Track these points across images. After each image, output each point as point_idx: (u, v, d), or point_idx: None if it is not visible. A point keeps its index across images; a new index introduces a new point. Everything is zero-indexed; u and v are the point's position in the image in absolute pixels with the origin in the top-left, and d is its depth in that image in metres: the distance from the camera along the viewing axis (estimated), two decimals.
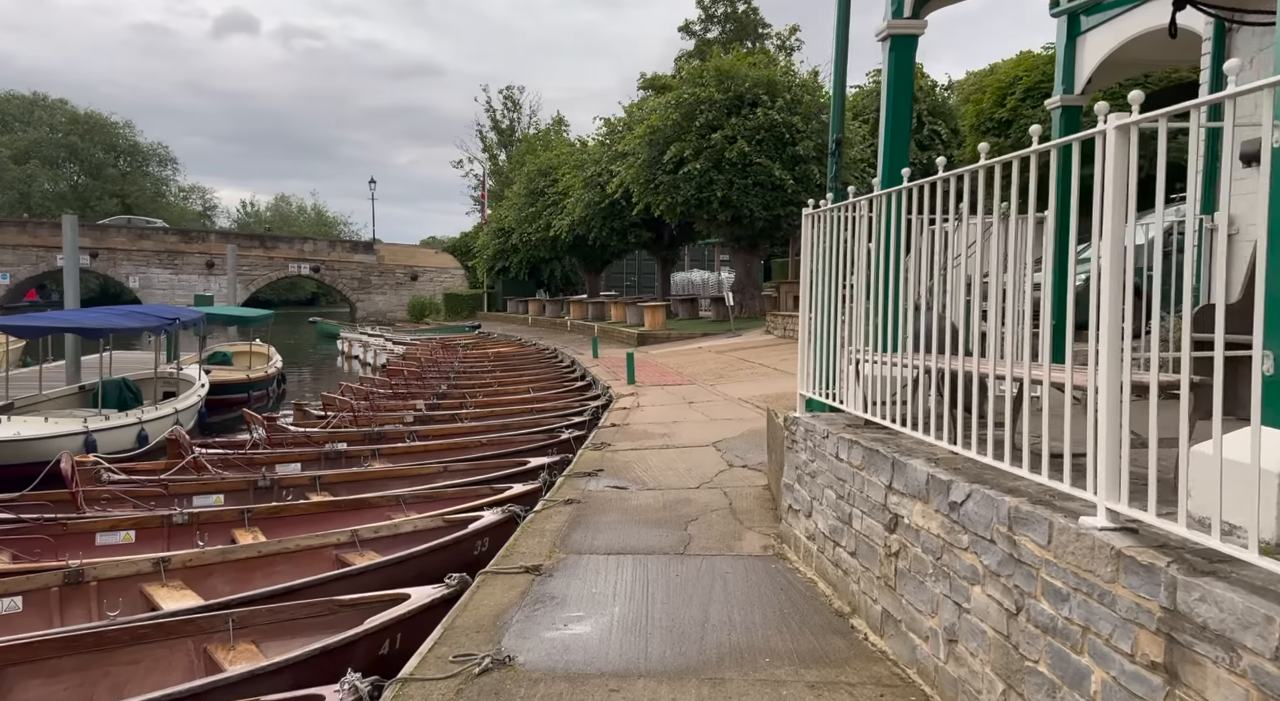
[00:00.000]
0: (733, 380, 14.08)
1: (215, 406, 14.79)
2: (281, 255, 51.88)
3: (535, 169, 35.03)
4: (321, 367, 29.64)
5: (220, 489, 7.31)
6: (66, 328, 10.49)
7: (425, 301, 49.63)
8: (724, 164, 22.08)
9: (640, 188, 23.31)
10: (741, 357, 17.13)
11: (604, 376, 15.86)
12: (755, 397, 11.85)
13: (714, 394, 12.78)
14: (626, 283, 46.25)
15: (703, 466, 7.83)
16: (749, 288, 24.99)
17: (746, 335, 21.64)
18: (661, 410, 11.53)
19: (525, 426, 11.06)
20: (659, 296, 30.98)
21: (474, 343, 28.67)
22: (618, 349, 22.93)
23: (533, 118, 61.05)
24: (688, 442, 8.98)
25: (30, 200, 63.13)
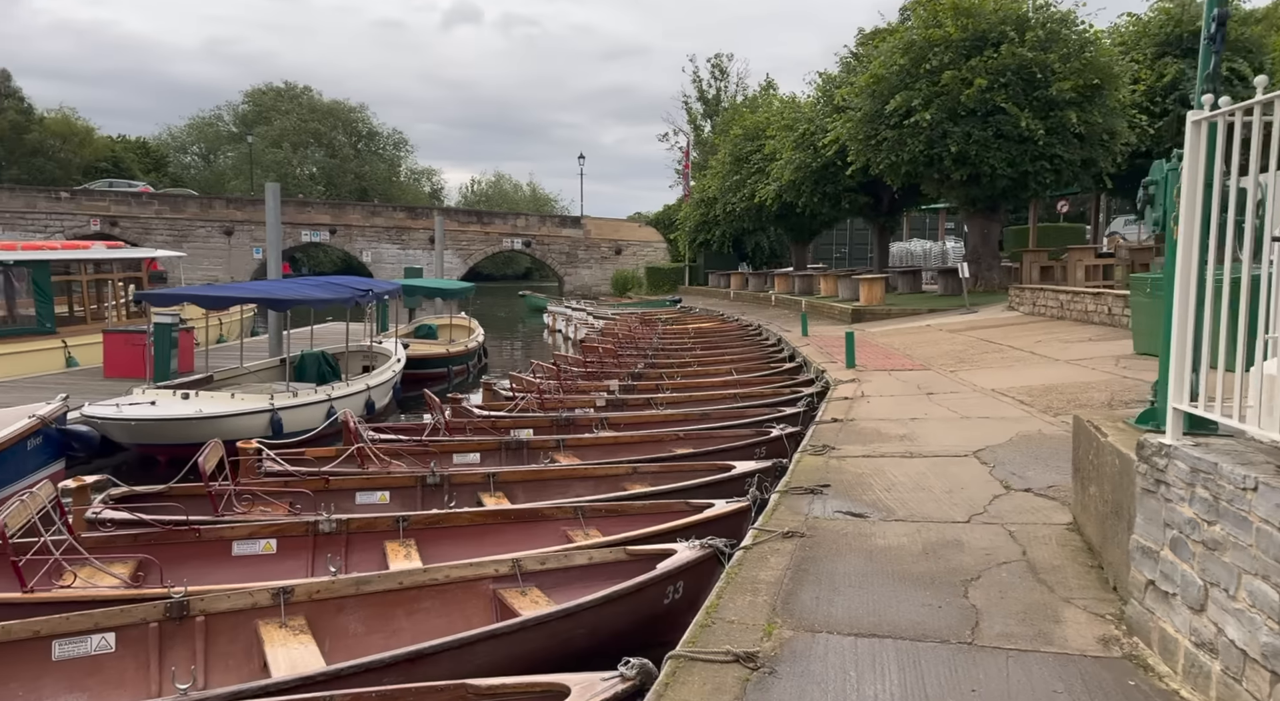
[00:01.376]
0: (978, 366, 11.78)
1: (413, 381, 14.51)
2: (496, 230, 53.59)
3: (741, 133, 33.20)
4: (527, 341, 29.78)
5: (385, 484, 6.40)
6: (251, 298, 10.24)
7: (628, 275, 49.41)
8: (960, 113, 19.24)
9: (859, 145, 20.93)
10: (984, 338, 14.61)
11: (817, 358, 13.99)
12: (1014, 389, 9.60)
13: (957, 383, 10.61)
14: (836, 254, 43.49)
15: (967, 486, 5.93)
16: (986, 257, 21.94)
17: (984, 311, 18.84)
18: (893, 403, 9.59)
19: (728, 417, 9.54)
20: (875, 268, 28.33)
21: (674, 317, 27.56)
22: (829, 326, 20.85)
23: (740, 85, 59.06)
24: (937, 449, 7.06)
25: (287, 182, 69.61)
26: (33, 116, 66.63)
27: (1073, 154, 19.25)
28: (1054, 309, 16.38)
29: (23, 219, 45.63)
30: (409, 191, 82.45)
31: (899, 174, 20.77)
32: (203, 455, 5.54)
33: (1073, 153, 19.24)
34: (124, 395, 9.12)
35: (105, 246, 16.21)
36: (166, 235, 48.37)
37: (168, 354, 10.73)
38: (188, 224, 48.41)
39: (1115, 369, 10.14)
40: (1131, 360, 10.55)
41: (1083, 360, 11.09)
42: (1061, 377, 10.03)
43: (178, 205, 49.63)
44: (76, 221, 45.61)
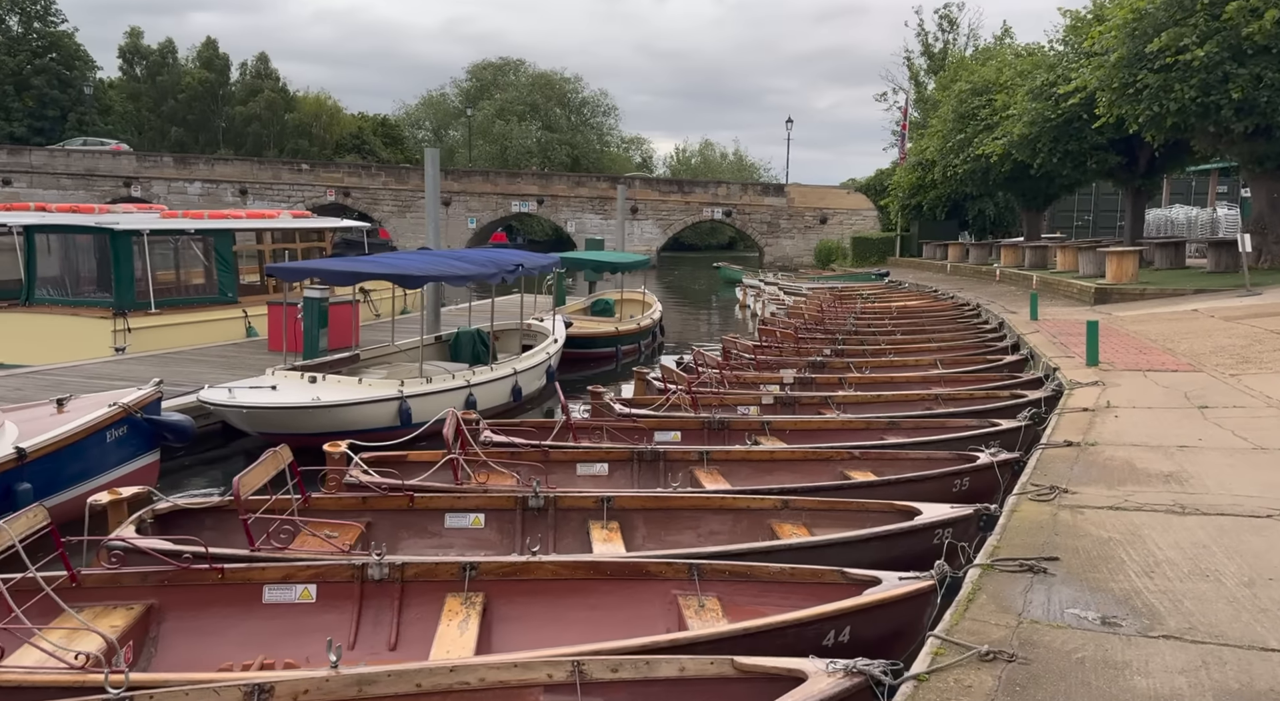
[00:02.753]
0: (1270, 367, 9.04)
1: (576, 361, 13.60)
2: (696, 200, 52.45)
3: (968, 87, 29.65)
4: (718, 316, 28.45)
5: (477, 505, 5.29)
6: (381, 274, 9.39)
7: (833, 246, 46.58)
8: (1247, 51, 15.50)
9: (1112, 94, 17.53)
10: (1274, 330, 11.50)
11: (1048, 350, 11.57)
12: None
13: (1241, 393, 8.07)
14: (1077, 223, 38.44)
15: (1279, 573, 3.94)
16: (1275, 228, 17.83)
17: (1271, 294, 15.18)
18: (1151, 419, 7.32)
19: (923, 428, 7.69)
20: (1126, 240, 24.26)
21: (879, 293, 25.12)
22: (1066, 308, 17.81)
23: (971, 37, 53.71)
24: (1223, 501, 4.97)
25: (507, 154, 72.25)
26: (290, 97, 73.67)
27: None
28: None
29: (270, 189, 50.24)
30: (618, 161, 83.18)
31: (1162, 127, 17.20)
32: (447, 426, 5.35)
33: None
34: (255, 377, 8.82)
35: (291, 215, 16.61)
36: (392, 205, 51.53)
37: (315, 330, 10.44)
38: (411, 195, 51.16)
39: None
40: None
41: None
42: None
43: (402, 177, 52.61)
44: (315, 192, 49.48)
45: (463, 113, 78.10)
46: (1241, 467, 5.65)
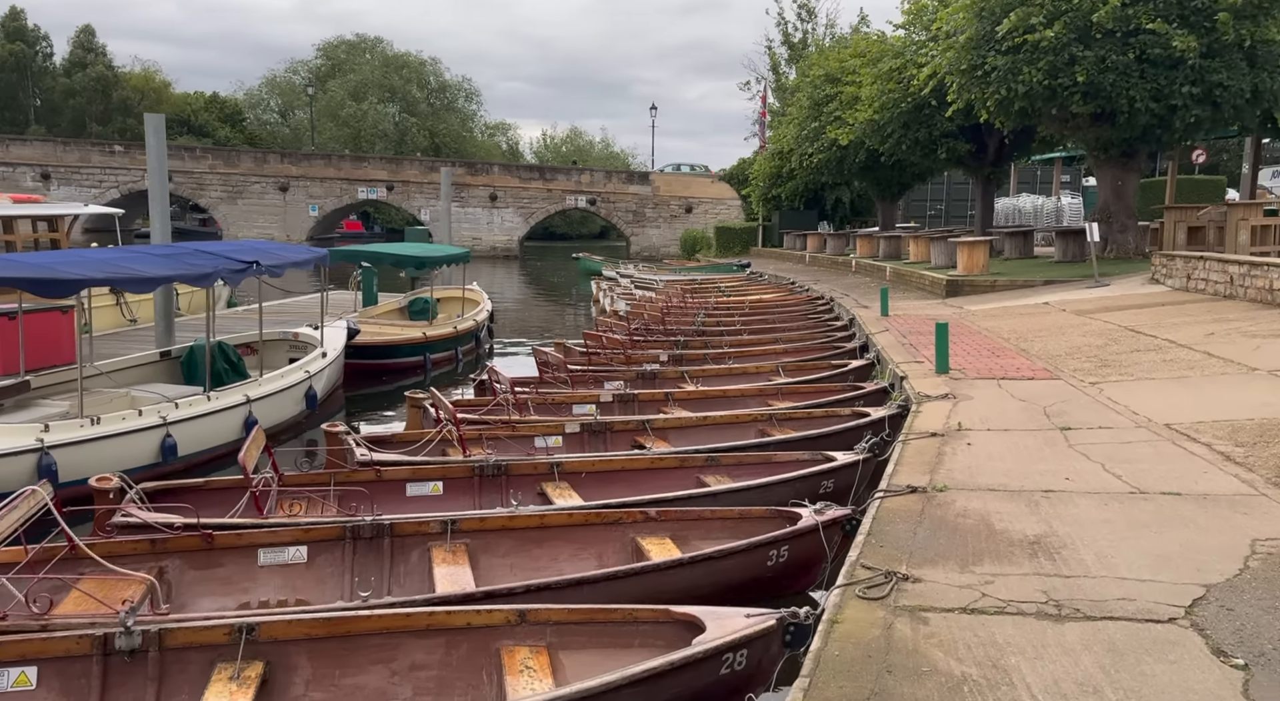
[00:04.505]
0: (1132, 374, 8.11)
1: (371, 375, 11.59)
2: (560, 187, 50.53)
3: (822, 74, 29.04)
4: (572, 313, 26.76)
5: None
6: (10, 279, 6.84)
7: (698, 235, 45.72)
8: (1094, 34, 15.03)
9: (960, 78, 16.86)
10: (1129, 326, 10.80)
11: (896, 354, 10.46)
12: (1206, 427, 6.00)
13: (1106, 406, 7.02)
14: (930, 212, 38.85)
15: None
16: (1120, 216, 17.66)
17: (1119, 285, 14.82)
18: (1009, 448, 6.10)
19: (744, 469, 6.21)
20: (977, 229, 24.12)
21: (737, 286, 24.07)
22: (919, 301, 17.08)
23: (830, 28, 53.98)
24: (1110, 592, 3.63)
25: (361, 137, 67.74)
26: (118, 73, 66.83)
27: (1239, 81, 14.85)
28: (1219, 284, 12.36)
29: (78, 173, 44.88)
30: (483, 147, 79.85)
31: (1010, 112, 16.65)
32: None
33: (1239, 80, 14.84)
34: None
35: (11, 200, 13.70)
36: (221, 191, 47.14)
37: None
38: (242, 179, 46.93)
39: None
40: None
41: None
42: (1277, 404, 6.36)
43: (231, 160, 48.18)
44: (131, 176, 44.40)
45: (313, 92, 72.90)
46: (1122, 528, 4.39)
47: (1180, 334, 9.82)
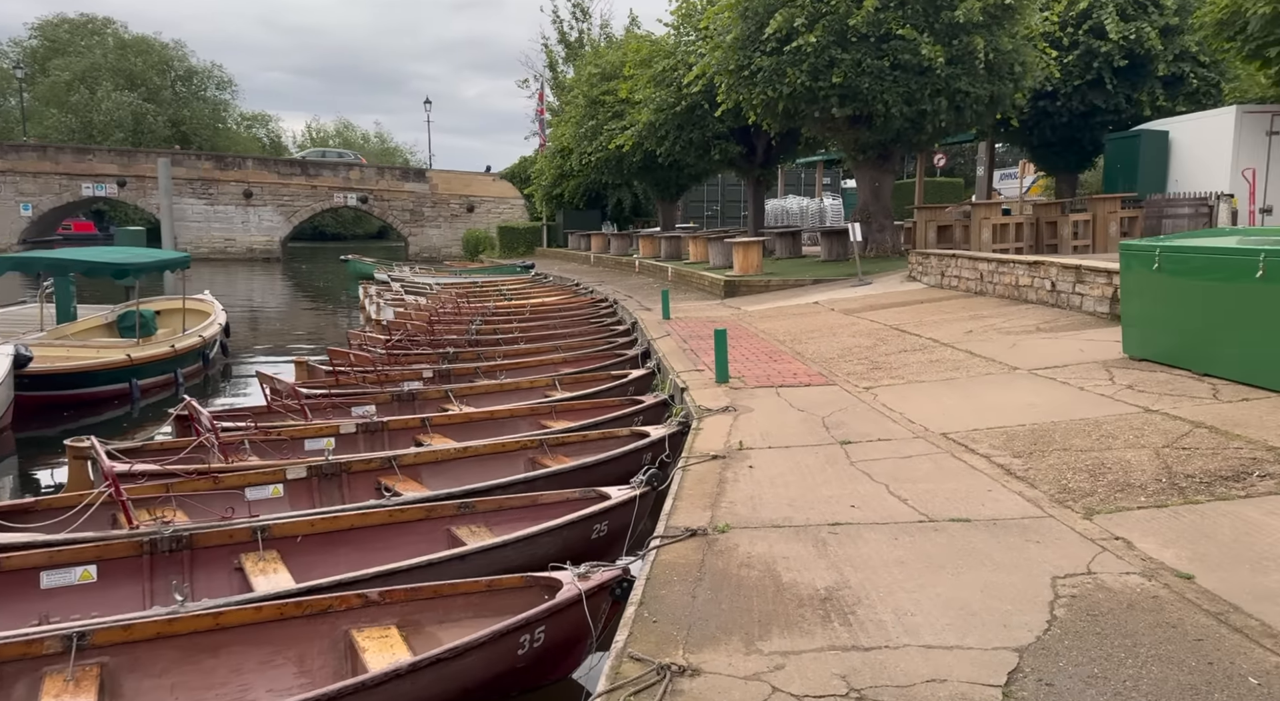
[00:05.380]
0: (902, 377, 7.99)
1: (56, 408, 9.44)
2: (326, 184, 46.96)
3: (596, 72, 28.63)
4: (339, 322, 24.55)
5: None
6: None
7: (480, 236, 44.17)
8: (850, 38, 15.47)
9: (729, 78, 16.87)
10: (893, 325, 10.95)
11: (677, 361, 9.94)
12: (982, 435, 5.78)
13: (882, 415, 6.74)
14: (708, 213, 39.81)
15: None
16: (879, 216, 18.47)
17: (881, 283, 15.34)
18: (792, 469, 5.58)
19: (504, 516, 5.27)
20: (751, 229, 24.64)
21: (520, 289, 23.07)
22: (700, 302, 16.92)
23: (605, 29, 54.10)
24: (915, 667, 3.03)
25: (93, 127, 59.36)
26: None
27: (979, 88, 15.88)
28: (971, 281, 12.98)
29: None
30: (239, 140, 72.91)
31: (776, 113, 16.88)
32: None
33: (979, 87, 15.87)
34: None
35: None
36: None
37: None
38: None
39: (1115, 388, 6.52)
40: (1128, 369, 6.99)
41: (1055, 368, 7.47)
42: (1045, 406, 6.32)
43: None
44: None
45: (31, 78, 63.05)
46: (918, 570, 3.87)
47: (942, 332, 10.01)
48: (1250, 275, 5.58)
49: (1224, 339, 6.10)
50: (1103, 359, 7.53)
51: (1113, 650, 2.99)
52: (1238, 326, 5.93)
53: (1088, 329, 9.00)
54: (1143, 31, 17.83)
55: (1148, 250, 6.93)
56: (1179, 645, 2.97)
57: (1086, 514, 4.33)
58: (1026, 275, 11.35)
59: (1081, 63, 18.56)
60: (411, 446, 6.98)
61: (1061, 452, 5.29)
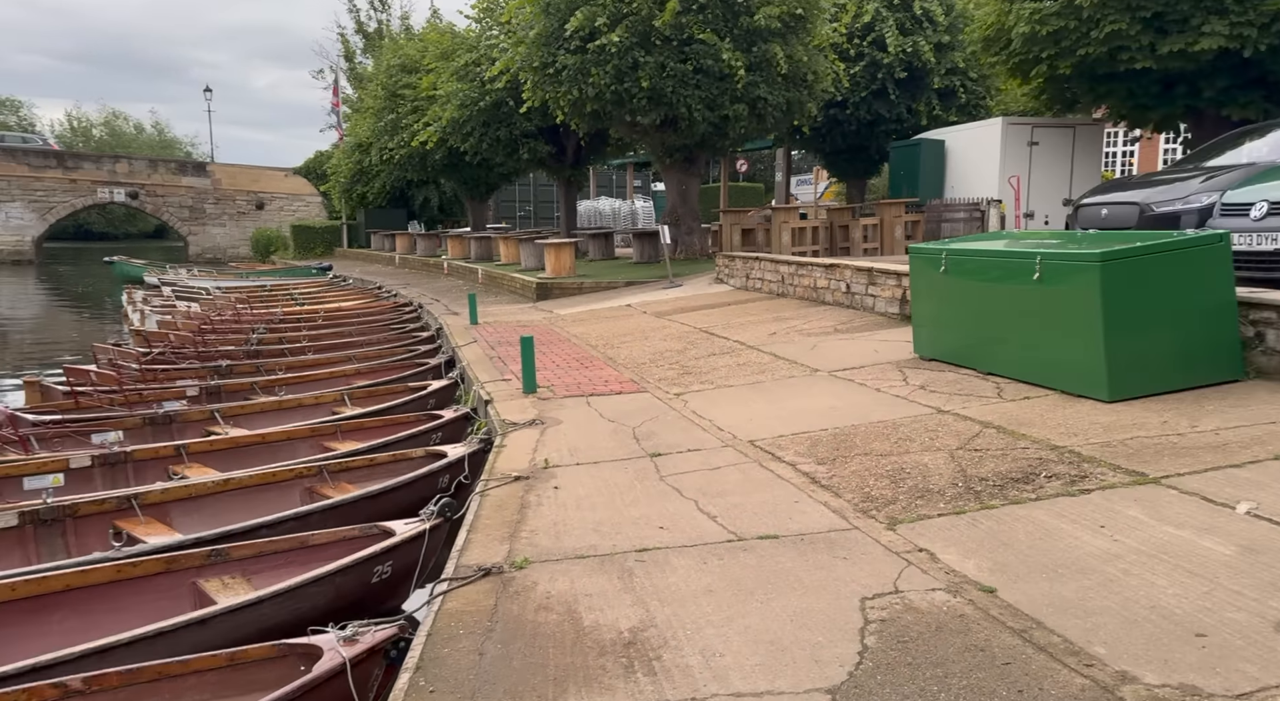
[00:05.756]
0: (711, 381, 7.87)
1: None
2: (88, 178, 41.94)
3: (396, 64, 27.27)
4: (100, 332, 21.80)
5: None
6: None
7: (272, 235, 41.07)
8: (654, 40, 15.46)
9: (534, 75, 16.42)
10: (702, 327, 10.93)
11: (483, 370, 9.37)
12: (786, 441, 5.68)
13: (692, 423, 6.54)
14: (521, 213, 39.15)
15: None
16: (687, 219, 18.67)
17: (690, 285, 15.44)
18: (599, 489, 5.22)
19: (265, 563, 4.55)
20: (563, 231, 24.30)
21: (314, 292, 21.46)
22: (511, 306, 16.36)
23: (405, 20, 51.95)
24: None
25: None
26: None
27: (777, 96, 16.38)
28: (774, 283, 13.26)
29: None
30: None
31: (584, 114, 16.63)
32: None
33: (777, 94, 16.37)
34: None
35: None
36: None
37: None
38: None
39: (909, 388, 6.67)
40: (919, 369, 7.21)
41: (853, 370, 7.60)
42: (846, 409, 6.35)
43: None
44: None
45: None
46: (727, 601, 3.60)
47: (748, 334, 10.06)
48: (1029, 277, 5.82)
49: (1005, 338, 6.37)
50: (896, 359, 7.74)
51: (925, 683, 2.82)
52: (1017, 326, 6.19)
53: (881, 329, 9.31)
54: (919, 46, 19.10)
55: (935, 253, 7.17)
56: (989, 672, 2.84)
57: (890, 524, 4.24)
58: (824, 277, 11.69)
59: (867, 74, 19.64)
60: (162, 480, 6.01)
61: (863, 458, 5.25)
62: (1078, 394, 5.73)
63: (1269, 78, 13.03)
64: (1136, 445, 4.75)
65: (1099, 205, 9.03)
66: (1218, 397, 5.33)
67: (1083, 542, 3.72)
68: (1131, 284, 5.31)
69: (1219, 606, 3.03)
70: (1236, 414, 5.00)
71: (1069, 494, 4.27)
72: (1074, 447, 4.86)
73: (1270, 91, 13.26)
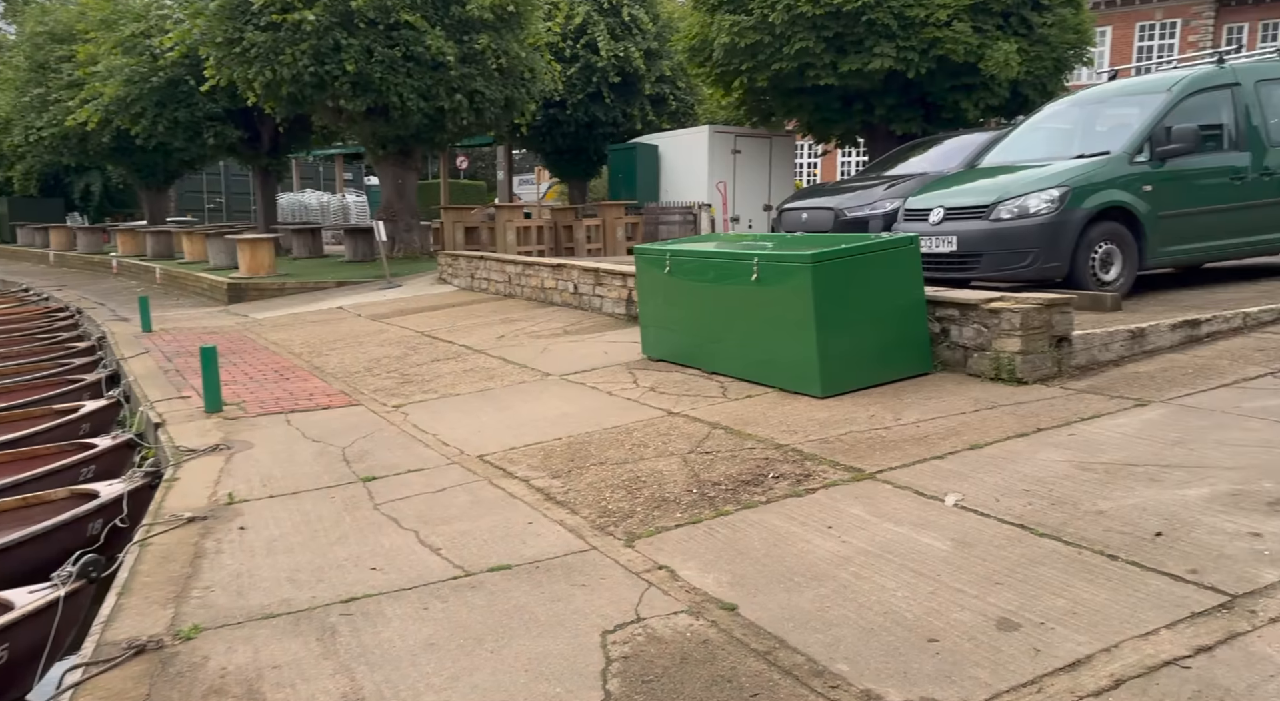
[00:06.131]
0: (435, 390, 7.27)
1: None
2: None
3: (44, 31, 23.17)
4: None
5: None
6: None
7: None
8: (358, 23, 14.34)
9: (218, 51, 14.57)
10: (425, 331, 10.22)
11: (155, 388, 7.97)
12: (518, 454, 5.28)
13: (413, 439, 5.92)
14: (210, 205, 35.11)
15: None
16: (405, 215, 17.61)
17: (411, 285, 14.54)
18: (298, 528, 4.46)
19: None
20: (261, 225, 21.99)
21: None
22: (195, 308, 14.40)
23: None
24: None
25: None
26: None
27: (494, 91, 15.96)
28: (500, 283, 12.83)
29: None
30: None
31: (280, 97, 15.05)
32: None
33: (494, 89, 15.94)
34: None
35: None
36: None
37: None
38: None
39: (640, 391, 6.58)
40: (648, 370, 7.16)
41: (585, 373, 7.39)
42: (579, 415, 6.09)
43: None
44: None
45: None
46: (452, 656, 3.11)
47: (475, 337, 9.54)
48: (747, 277, 5.91)
49: (728, 338, 6.45)
50: (626, 361, 7.64)
51: None
52: (738, 326, 6.29)
53: (610, 330, 9.23)
54: (629, 52, 19.61)
55: (659, 254, 7.14)
56: None
57: (629, 540, 3.99)
58: (551, 278, 11.45)
59: (583, 76, 19.81)
60: None
61: (599, 468, 4.98)
62: (794, 391, 5.91)
63: (927, 98, 14.84)
64: (851, 440, 4.92)
65: (800, 209, 9.63)
66: (914, 390, 5.73)
67: (814, 546, 3.69)
68: (839, 284, 5.55)
69: (945, 607, 3.07)
70: (932, 405, 5.39)
71: (796, 494, 4.28)
72: (796, 446, 4.94)
73: (928, 111, 15.12)
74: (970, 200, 7.43)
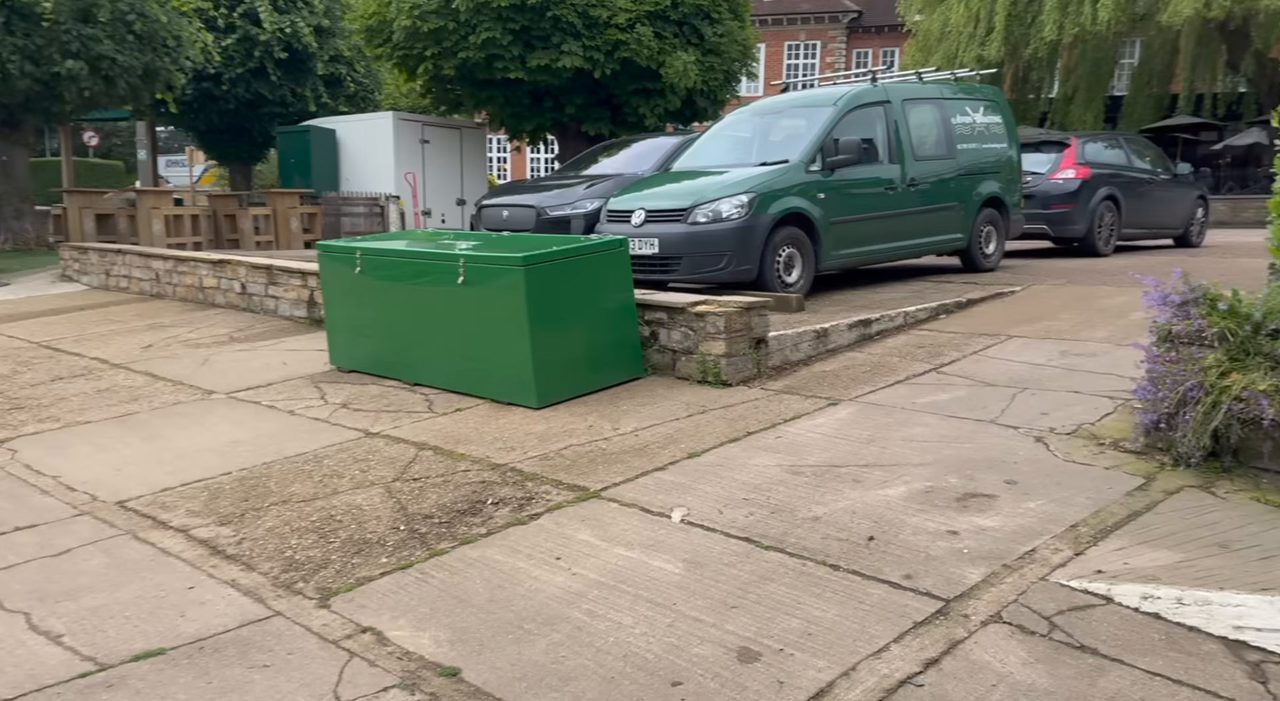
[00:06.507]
0: (57, 415, 5.85)
1: None
2: None
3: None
4: None
5: None
6: None
7: None
8: None
9: None
10: (45, 342, 8.35)
11: None
12: (174, 498, 4.34)
13: (28, 485, 4.65)
14: None
15: None
16: (13, 200, 14.46)
17: (24, 284, 11.96)
18: None
19: None
20: None
21: None
22: None
23: None
24: None
25: None
26: None
27: (130, 57, 13.67)
28: (146, 282, 10.98)
29: None
30: None
31: None
32: None
33: (129, 56, 13.66)
34: None
35: None
36: None
37: None
38: None
39: (330, 408, 5.82)
40: (339, 383, 6.39)
41: (259, 389, 6.41)
42: (255, 443, 5.21)
43: None
44: None
45: None
46: None
47: (113, 348, 7.95)
48: (453, 279, 5.41)
49: (432, 345, 5.90)
50: (310, 373, 6.75)
51: None
52: (444, 332, 5.77)
53: (289, 336, 8.17)
54: (297, 26, 17.92)
55: (348, 252, 6.36)
56: None
57: (323, 598, 3.36)
58: (212, 276, 9.96)
59: (242, 49, 17.77)
60: None
61: (281, 507, 4.23)
62: (508, 402, 5.53)
63: (614, 100, 15.18)
64: (572, 455, 4.65)
65: (501, 207, 9.26)
66: (628, 396, 5.62)
67: (544, 583, 3.35)
68: (552, 288, 5.26)
69: (685, 640, 2.88)
70: (648, 412, 5.29)
71: (519, 521, 3.91)
72: (515, 464, 4.57)
73: (615, 112, 15.49)
74: (669, 204, 7.55)
